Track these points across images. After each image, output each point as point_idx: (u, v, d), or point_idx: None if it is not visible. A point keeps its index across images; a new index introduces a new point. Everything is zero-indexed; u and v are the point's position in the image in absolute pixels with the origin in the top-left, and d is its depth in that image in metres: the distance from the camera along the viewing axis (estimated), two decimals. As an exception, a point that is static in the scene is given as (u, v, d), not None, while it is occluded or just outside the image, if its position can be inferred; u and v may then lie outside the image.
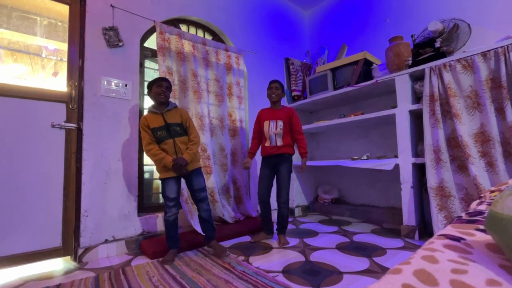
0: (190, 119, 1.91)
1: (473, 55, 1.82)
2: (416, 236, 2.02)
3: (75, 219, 1.83)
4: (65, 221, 1.81)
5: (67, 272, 1.62)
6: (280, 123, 2.13)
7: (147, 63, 2.39)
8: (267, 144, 2.14)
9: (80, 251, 1.79)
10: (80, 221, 1.82)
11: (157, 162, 1.75)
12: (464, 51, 1.91)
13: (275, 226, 2.17)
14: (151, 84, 1.81)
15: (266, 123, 2.15)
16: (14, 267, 1.62)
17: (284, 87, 3.28)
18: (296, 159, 2.52)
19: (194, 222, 2.11)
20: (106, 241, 1.90)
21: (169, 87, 1.83)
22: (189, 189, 1.89)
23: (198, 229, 2.04)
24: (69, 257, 1.82)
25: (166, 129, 1.78)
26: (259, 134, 2.23)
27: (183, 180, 1.89)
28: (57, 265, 1.74)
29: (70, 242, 1.81)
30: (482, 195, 0.95)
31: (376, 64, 2.60)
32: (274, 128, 2.13)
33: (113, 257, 1.88)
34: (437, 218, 1.88)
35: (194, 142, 1.82)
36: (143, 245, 1.92)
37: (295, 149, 2.20)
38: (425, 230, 2.10)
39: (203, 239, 1.91)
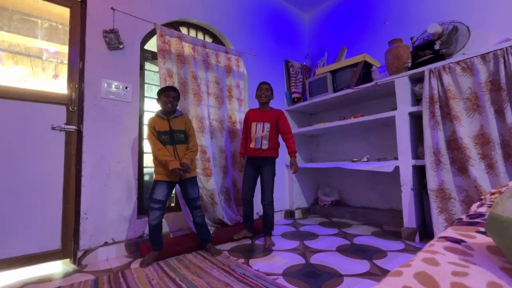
0: (193, 128, 1.96)
1: (472, 57, 1.82)
2: (417, 238, 2.01)
3: (74, 221, 1.83)
4: (64, 224, 1.80)
5: (67, 275, 1.62)
6: (267, 125, 2.14)
7: (148, 65, 2.40)
8: (251, 145, 2.16)
9: (79, 254, 1.79)
10: (80, 224, 1.81)
11: (161, 163, 1.76)
12: (463, 54, 1.92)
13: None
14: (160, 92, 1.85)
15: (253, 125, 2.17)
16: (14, 269, 1.62)
17: (284, 89, 3.31)
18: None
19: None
20: (106, 244, 1.90)
21: (176, 97, 1.87)
22: (184, 197, 1.93)
23: (198, 231, 2.05)
24: (68, 259, 1.81)
25: (170, 135, 1.83)
26: (247, 135, 2.25)
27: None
28: (57, 268, 1.73)
29: (69, 245, 1.81)
30: (482, 197, 0.95)
31: (376, 66, 2.60)
32: (260, 131, 2.14)
33: (112, 259, 1.87)
34: (437, 220, 1.87)
35: (192, 150, 1.88)
36: (142, 247, 1.91)
37: (282, 150, 2.22)
38: (425, 232, 2.10)
39: (200, 242, 1.97)
